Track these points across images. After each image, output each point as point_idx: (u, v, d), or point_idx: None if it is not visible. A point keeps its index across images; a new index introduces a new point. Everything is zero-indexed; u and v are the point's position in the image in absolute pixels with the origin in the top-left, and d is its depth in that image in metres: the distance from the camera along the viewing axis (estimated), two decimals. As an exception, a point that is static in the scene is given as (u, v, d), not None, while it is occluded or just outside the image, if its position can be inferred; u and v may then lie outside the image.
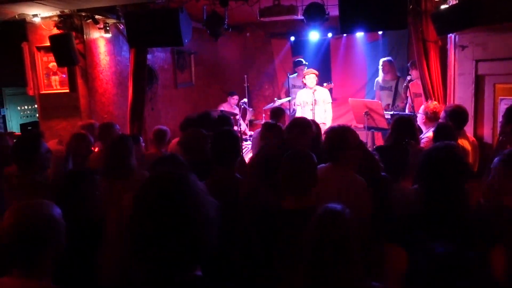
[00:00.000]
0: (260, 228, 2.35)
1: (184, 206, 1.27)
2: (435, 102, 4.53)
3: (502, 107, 4.23)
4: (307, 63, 7.80)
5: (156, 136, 4.48)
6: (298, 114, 6.77)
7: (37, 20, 5.37)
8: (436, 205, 2.06)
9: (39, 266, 1.68)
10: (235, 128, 7.45)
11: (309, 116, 6.30)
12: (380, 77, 6.94)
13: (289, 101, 7.29)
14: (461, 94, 4.58)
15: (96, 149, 4.23)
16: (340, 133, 2.78)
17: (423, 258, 1.43)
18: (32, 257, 1.66)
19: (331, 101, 6.86)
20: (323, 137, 4.09)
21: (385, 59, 6.85)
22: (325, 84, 7.33)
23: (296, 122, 3.77)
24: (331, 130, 2.86)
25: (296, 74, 7.91)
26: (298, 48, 8.92)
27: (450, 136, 3.47)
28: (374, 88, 7.18)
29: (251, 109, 7.96)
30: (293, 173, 2.30)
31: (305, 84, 6.84)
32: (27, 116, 7.65)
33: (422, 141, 4.22)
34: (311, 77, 6.70)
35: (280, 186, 2.38)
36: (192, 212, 1.27)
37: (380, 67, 6.86)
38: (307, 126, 3.70)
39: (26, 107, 7.63)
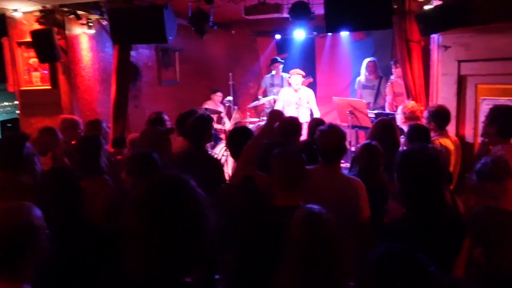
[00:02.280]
0: (253, 225, 2.36)
1: (183, 211, 1.25)
2: (413, 102, 4.56)
3: (484, 107, 4.29)
4: (283, 61, 7.82)
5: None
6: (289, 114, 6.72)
7: (17, 15, 5.27)
8: (413, 206, 2.07)
9: (19, 271, 1.64)
10: (220, 126, 7.45)
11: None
12: (362, 76, 6.99)
13: (274, 100, 7.28)
14: (443, 94, 4.64)
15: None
16: (340, 137, 2.81)
17: (359, 265, 1.42)
18: (11, 262, 1.62)
19: (314, 100, 6.83)
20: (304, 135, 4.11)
21: (370, 59, 6.90)
22: (303, 79, 7.30)
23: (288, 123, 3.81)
24: (331, 131, 2.84)
25: (274, 72, 7.90)
26: (283, 46, 8.92)
27: (424, 137, 3.52)
28: (356, 87, 7.22)
29: (236, 107, 7.93)
30: (284, 170, 2.32)
31: (289, 83, 6.83)
32: (7, 113, 7.50)
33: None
34: (297, 78, 6.67)
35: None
36: (191, 218, 1.25)
37: (364, 66, 6.90)
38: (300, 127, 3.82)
39: (6, 103, 7.48)
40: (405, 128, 4.42)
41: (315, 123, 4.12)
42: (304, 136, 4.35)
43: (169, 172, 1.37)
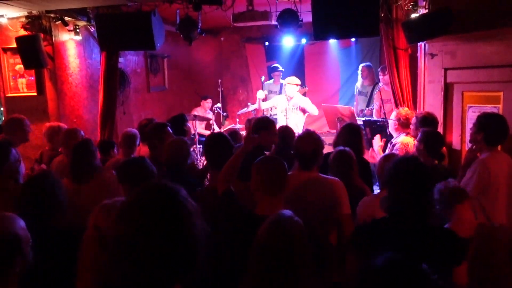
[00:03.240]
0: (237, 235, 2.34)
1: (172, 219, 1.23)
2: (406, 109, 4.60)
3: (470, 115, 4.33)
4: (283, 69, 7.83)
5: (124, 140, 4.16)
6: (281, 121, 6.64)
7: (3, 21, 5.22)
8: (401, 214, 2.07)
9: (4, 281, 1.65)
10: (209, 132, 7.42)
11: (283, 122, 6.30)
12: (359, 82, 7.02)
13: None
14: (430, 101, 4.67)
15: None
16: (317, 142, 2.83)
17: (361, 271, 1.42)
18: None
19: (308, 113, 6.67)
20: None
21: (364, 64, 6.91)
22: (299, 89, 7.32)
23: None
24: (307, 136, 2.86)
25: (272, 80, 7.91)
26: (272, 53, 8.95)
27: (441, 142, 3.59)
28: (354, 93, 7.26)
29: (225, 113, 7.92)
30: (266, 177, 2.31)
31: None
32: (-7, 120, 7.37)
33: (396, 147, 4.27)
34: (290, 88, 6.54)
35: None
36: (180, 227, 1.23)
37: (359, 72, 6.94)
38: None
39: (-9, 110, 7.35)
40: (395, 134, 4.45)
41: (282, 130, 4.21)
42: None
43: (160, 181, 1.35)
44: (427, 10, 4.41)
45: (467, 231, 2.39)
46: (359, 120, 5.86)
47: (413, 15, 4.56)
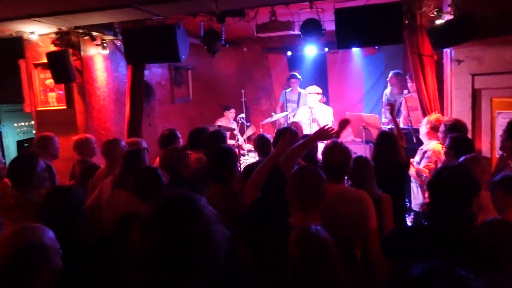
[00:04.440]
0: (270, 245, 2.32)
1: (194, 229, 1.25)
2: (438, 114, 4.54)
3: (500, 121, 4.23)
4: (300, 77, 7.84)
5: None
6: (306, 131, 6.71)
7: (34, 37, 5.40)
8: (442, 222, 2.02)
9: None
10: (233, 142, 7.46)
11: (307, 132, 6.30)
12: (388, 90, 6.95)
13: (286, 116, 7.29)
14: (458, 108, 4.59)
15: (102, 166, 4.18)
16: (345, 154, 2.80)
17: (398, 279, 1.39)
18: (23, 284, 1.64)
19: (332, 119, 6.79)
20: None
21: (394, 71, 6.85)
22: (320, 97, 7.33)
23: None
24: (336, 149, 2.84)
25: (290, 88, 7.93)
26: (294, 62, 8.96)
27: (471, 147, 3.52)
28: (383, 100, 7.23)
29: (249, 123, 7.95)
30: (303, 189, 2.26)
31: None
32: (24, 133, 7.61)
33: (427, 154, 4.20)
34: (311, 97, 6.69)
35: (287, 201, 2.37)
36: (201, 238, 1.25)
37: (388, 79, 6.88)
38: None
39: (22, 123, 7.59)
40: (425, 139, 4.38)
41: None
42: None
43: (179, 191, 1.37)
44: (452, 16, 4.35)
45: None
46: (385, 129, 5.80)
47: (438, 22, 4.51)
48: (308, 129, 6.46)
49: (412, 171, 4.19)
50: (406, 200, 5.70)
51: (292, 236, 1.85)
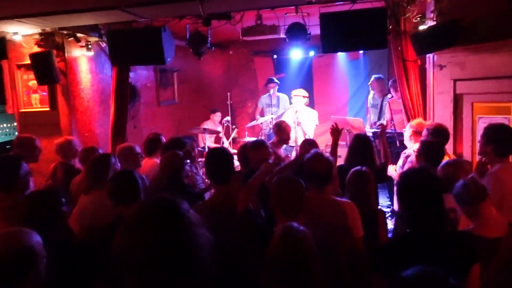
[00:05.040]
0: (257, 252, 2.35)
1: (176, 232, 1.26)
2: (420, 119, 4.61)
3: (480, 126, 4.32)
4: (278, 81, 7.89)
5: (121, 155, 4.11)
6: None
7: (17, 38, 5.33)
8: (419, 227, 2.07)
9: None
10: (218, 146, 7.46)
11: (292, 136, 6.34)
12: (371, 95, 7.03)
13: (272, 119, 7.33)
14: (440, 113, 4.67)
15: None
16: (328, 163, 2.83)
17: (393, 285, 1.42)
18: (12, 286, 1.63)
19: (316, 123, 6.87)
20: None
21: (374, 76, 6.93)
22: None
23: None
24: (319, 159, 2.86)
25: (271, 92, 7.94)
26: (280, 65, 9.01)
27: (441, 152, 3.57)
28: (368, 105, 7.30)
29: (234, 126, 7.97)
30: (283, 198, 2.35)
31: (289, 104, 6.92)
32: (6, 135, 7.50)
33: (410, 158, 4.26)
34: (296, 99, 6.78)
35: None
36: (183, 241, 1.26)
37: (369, 83, 6.96)
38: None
39: (5, 125, 7.48)
40: (409, 144, 4.45)
41: (305, 144, 4.30)
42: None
43: (162, 195, 1.39)
44: (435, 22, 4.43)
45: (493, 229, 2.37)
46: (369, 132, 5.87)
47: (421, 27, 4.58)
48: (293, 132, 6.49)
49: (393, 173, 4.26)
50: (390, 203, 5.78)
51: (275, 234, 1.90)
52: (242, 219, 2.49)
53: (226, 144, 7.57)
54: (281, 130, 4.94)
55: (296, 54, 7.16)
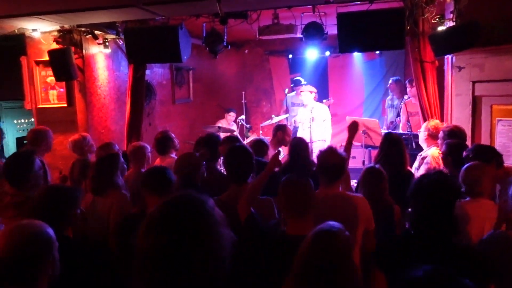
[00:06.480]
0: (266, 253, 2.34)
1: (201, 231, 1.24)
2: (437, 121, 4.54)
3: (500, 128, 4.25)
4: (305, 82, 7.86)
5: (133, 154, 4.14)
6: (300, 132, 6.78)
7: (36, 34, 5.39)
8: (426, 229, 2.04)
9: (35, 284, 1.66)
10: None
11: (307, 134, 6.32)
12: (389, 96, 7.05)
13: (286, 118, 7.31)
14: (458, 115, 4.60)
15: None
16: (341, 158, 2.80)
17: (400, 284, 1.39)
18: (29, 277, 1.65)
19: (329, 117, 6.87)
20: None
21: (392, 78, 6.95)
22: (324, 101, 7.37)
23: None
24: (331, 153, 2.84)
25: (295, 92, 7.95)
26: (296, 65, 8.98)
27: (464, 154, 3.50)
28: (386, 106, 7.33)
29: (248, 125, 7.97)
30: (292, 199, 2.31)
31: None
32: (23, 130, 7.59)
33: (426, 160, 4.20)
34: (305, 94, 6.77)
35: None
36: (208, 240, 1.24)
37: (388, 85, 6.97)
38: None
39: (22, 120, 7.58)
40: (425, 145, 4.39)
41: (295, 142, 4.23)
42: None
43: (187, 192, 1.36)
44: (454, 23, 4.37)
45: None
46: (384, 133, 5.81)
47: (440, 28, 4.52)
48: (308, 131, 6.47)
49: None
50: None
51: (311, 236, 1.83)
52: (245, 228, 2.47)
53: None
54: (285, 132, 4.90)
55: (311, 54, 7.13)
